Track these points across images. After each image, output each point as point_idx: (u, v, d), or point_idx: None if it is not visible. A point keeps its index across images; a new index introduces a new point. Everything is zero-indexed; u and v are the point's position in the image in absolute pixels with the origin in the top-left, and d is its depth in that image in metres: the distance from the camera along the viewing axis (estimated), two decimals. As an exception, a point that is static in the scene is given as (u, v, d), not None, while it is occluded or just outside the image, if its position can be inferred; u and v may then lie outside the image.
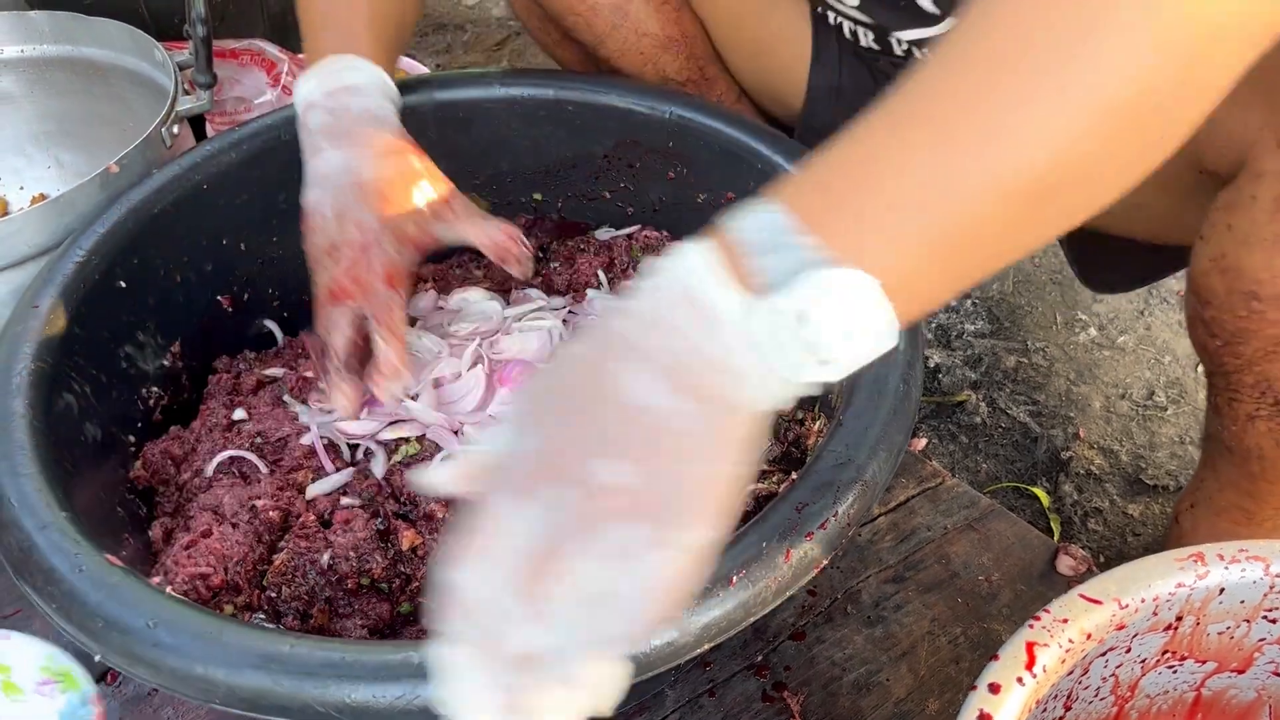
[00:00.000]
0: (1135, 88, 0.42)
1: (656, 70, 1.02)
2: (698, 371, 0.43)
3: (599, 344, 0.44)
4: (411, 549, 0.73)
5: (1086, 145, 0.43)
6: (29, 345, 0.72)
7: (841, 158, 0.45)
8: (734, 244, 0.44)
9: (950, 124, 0.43)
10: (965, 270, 0.46)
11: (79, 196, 0.88)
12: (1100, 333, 1.32)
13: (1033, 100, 0.42)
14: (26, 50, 1.14)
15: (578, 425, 0.42)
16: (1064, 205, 0.46)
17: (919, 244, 0.44)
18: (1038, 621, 0.59)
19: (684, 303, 0.43)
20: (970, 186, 0.43)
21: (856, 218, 0.43)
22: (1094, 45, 0.41)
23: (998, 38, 0.44)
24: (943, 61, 0.46)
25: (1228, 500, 0.86)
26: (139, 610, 0.56)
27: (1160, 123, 0.44)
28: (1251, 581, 0.62)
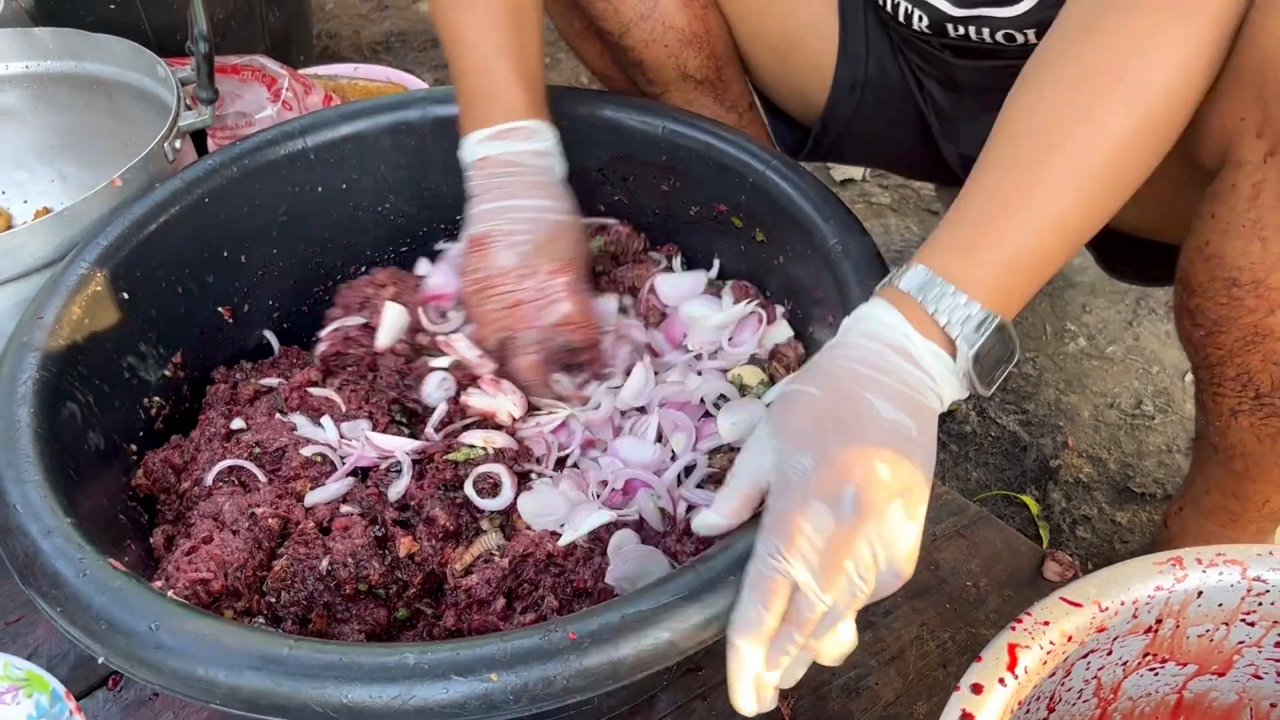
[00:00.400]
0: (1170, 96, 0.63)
1: (677, 65, 1.03)
2: (909, 395, 0.60)
3: (845, 380, 0.60)
4: (409, 555, 0.74)
5: (1134, 144, 0.63)
6: (34, 355, 0.74)
7: (961, 216, 0.64)
8: (906, 297, 0.62)
9: (1038, 169, 0.63)
10: (1051, 273, 0.65)
11: (83, 210, 0.89)
12: (1089, 343, 1.33)
13: (1075, 120, 0.62)
14: (31, 66, 1.15)
15: (855, 437, 0.57)
16: (1117, 196, 0.64)
17: (1030, 276, 0.63)
18: (1019, 624, 0.61)
19: (895, 350, 0.61)
20: (1062, 212, 0.62)
21: (987, 265, 0.62)
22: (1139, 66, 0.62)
23: (1056, 83, 0.64)
24: (1008, 123, 0.65)
25: (1214, 502, 0.87)
26: (142, 614, 0.58)
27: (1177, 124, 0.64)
28: (1229, 585, 0.63)
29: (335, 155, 0.95)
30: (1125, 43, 0.63)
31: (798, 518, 0.56)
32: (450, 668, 0.54)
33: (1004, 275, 0.62)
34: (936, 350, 0.61)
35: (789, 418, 0.60)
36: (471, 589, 0.71)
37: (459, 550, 0.75)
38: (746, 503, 0.60)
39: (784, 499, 0.57)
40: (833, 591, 0.56)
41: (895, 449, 0.58)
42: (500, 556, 0.73)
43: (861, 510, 0.55)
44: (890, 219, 1.57)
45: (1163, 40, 0.62)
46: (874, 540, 0.56)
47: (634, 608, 0.57)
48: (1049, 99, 0.64)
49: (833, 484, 0.56)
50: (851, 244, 0.79)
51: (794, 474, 0.57)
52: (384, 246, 1.01)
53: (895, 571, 0.58)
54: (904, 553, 0.57)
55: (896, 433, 0.58)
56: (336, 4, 2.21)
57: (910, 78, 1.02)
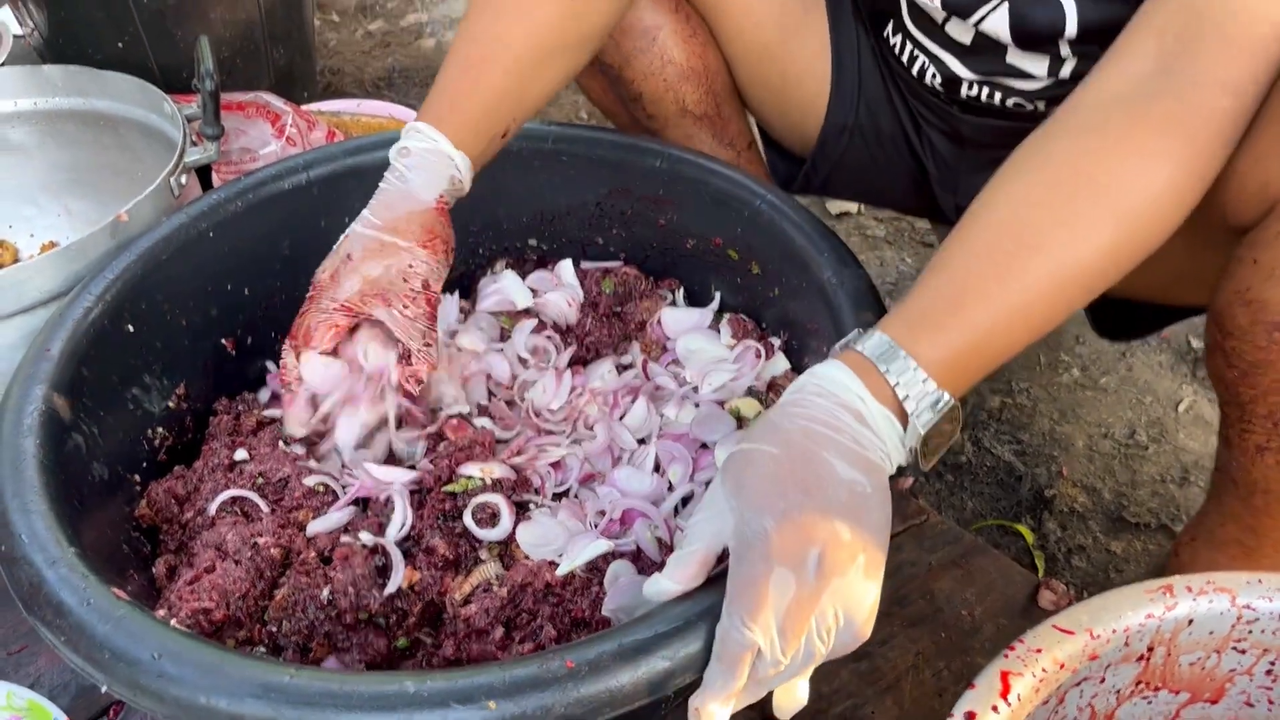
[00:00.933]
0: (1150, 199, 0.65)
1: (676, 99, 1.05)
2: (863, 455, 0.60)
3: (801, 438, 0.60)
4: (410, 585, 0.75)
5: (1112, 255, 0.65)
6: (40, 387, 0.74)
7: (927, 290, 0.65)
8: (865, 362, 0.63)
9: (1016, 263, 0.64)
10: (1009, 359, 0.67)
11: (89, 244, 0.91)
12: (1083, 373, 1.34)
13: (1064, 225, 0.64)
14: (39, 103, 1.17)
15: (817, 498, 0.57)
16: (1087, 298, 0.67)
17: (989, 362, 0.65)
18: (1012, 651, 0.61)
19: (848, 410, 0.61)
20: (1032, 308, 0.64)
21: (951, 349, 0.63)
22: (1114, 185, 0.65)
23: (1034, 186, 0.66)
24: (994, 207, 0.67)
25: (1229, 534, 0.87)
26: (145, 642, 0.58)
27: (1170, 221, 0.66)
28: (1219, 612, 0.64)
29: (338, 189, 0.97)
30: (1121, 153, 0.64)
31: (762, 586, 0.55)
32: (449, 696, 0.55)
33: (965, 360, 0.63)
34: (889, 416, 0.62)
35: (747, 478, 0.59)
36: (470, 618, 0.72)
37: (458, 580, 0.75)
38: (702, 567, 0.59)
39: (747, 565, 0.56)
40: (792, 652, 0.56)
41: (854, 509, 0.58)
42: (499, 586, 0.73)
43: (824, 573, 0.55)
44: (885, 251, 1.59)
45: (1158, 157, 0.64)
46: (836, 602, 0.56)
47: (631, 637, 0.57)
48: (1037, 195, 0.65)
49: (796, 548, 0.55)
50: (846, 277, 0.80)
51: (755, 537, 0.56)
52: (385, 279, 1.02)
53: (854, 633, 0.57)
54: (864, 614, 0.57)
55: (854, 492, 0.59)
56: (340, 41, 2.24)
57: (909, 125, 1.04)
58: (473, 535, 0.77)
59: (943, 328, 0.63)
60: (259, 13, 1.55)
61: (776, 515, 0.56)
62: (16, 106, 1.17)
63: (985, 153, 0.99)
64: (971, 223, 0.67)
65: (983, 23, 0.87)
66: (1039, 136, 0.69)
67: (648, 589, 0.60)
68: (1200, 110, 0.65)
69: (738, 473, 0.59)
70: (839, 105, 1.06)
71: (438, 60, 2.16)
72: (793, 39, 1.05)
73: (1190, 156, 0.65)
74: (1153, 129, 0.64)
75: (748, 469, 0.59)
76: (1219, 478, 0.87)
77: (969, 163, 1.01)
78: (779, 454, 0.59)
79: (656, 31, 1.02)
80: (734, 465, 0.60)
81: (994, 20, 0.86)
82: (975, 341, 0.63)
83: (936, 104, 0.99)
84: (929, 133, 1.03)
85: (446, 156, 0.81)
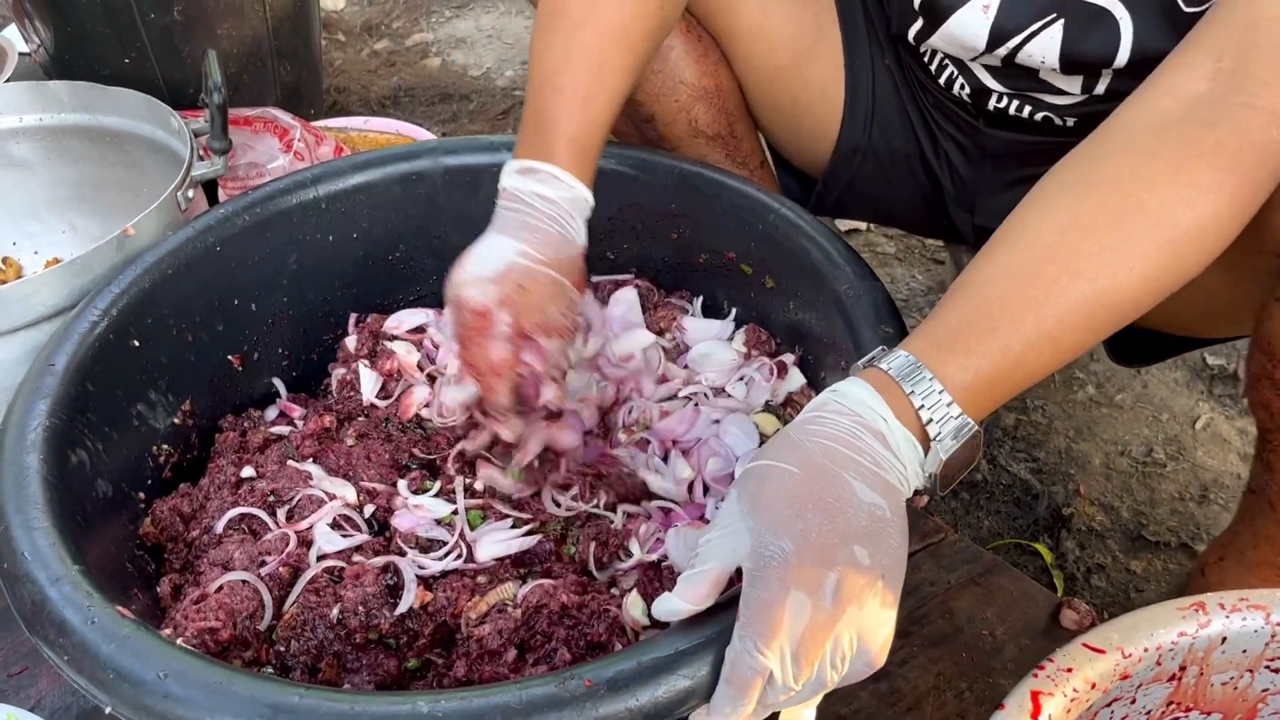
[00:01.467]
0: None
1: (689, 119, 1.04)
2: (884, 477, 0.59)
3: (821, 458, 0.58)
4: (422, 606, 0.73)
5: (1153, 282, 0.63)
6: (44, 402, 0.73)
7: (955, 309, 0.63)
8: (889, 382, 0.61)
9: (1055, 290, 0.62)
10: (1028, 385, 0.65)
11: (95, 259, 0.90)
12: (1098, 390, 1.33)
13: (1108, 250, 0.62)
14: (45, 119, 1.17)
15: (837, 520, 0.56)
16: (1117, 327, 0.65)
17: (1013, 389, 0.63)
18: (1042, 670, 0.59)
19: (870, 431, 0.60)
20: (1065, 336, 0.62)
21: (981, 373, 0.61)
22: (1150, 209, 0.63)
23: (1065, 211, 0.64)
24: (1036, 228, 0.65)
25: (1262, 556, 0.86)
26: (150, 662, 0.57)
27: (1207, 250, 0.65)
28: (1253, 630, 0.62)
29: (346, 204, 0.96)
30: (1173, 182, 0.63)
31: (778, 611, 0.53)
32: (464, 716, 0.53)
33: (991, 385, 0.62)
34: (912, 440, 0.60)
35: (765, 496, 0.57)
36: (484, 639, 0.70)
37: (474, 600, 0.73)
38: (714, 587, 0.57)
39: (763, 587, 0.54)
40: (805, 679, 0.54)
41: (874, 533, 0.56)
42: (514, 607, 0.72)
43: (842, 600, 0.54)
44: (896, 268, 1.58)
45: (1208, 190, 0.63)
46: (851, 630, 0.55)
47: (651, 655, 0.56)
48: (1087, 218, 0.63)
49: (814, 573, 0.54)
50: (864, 290, 0.79)
51: (774, 559, 0.54)
52: (394, 294, 1.01)
53: (868, 661, 0.56)
54: (879, 643, 0.56)
55: (874, 515, 0.57)
56: (346, 60, 2.24)
57: (927, 143, 1.03)
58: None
59: (972, 351, 0.61)
60: (266, 29, 1.55)
61: (795, 537, 0.55)
62: (22, 122, 1.17)
63: (1005, 171, 0.98)
64: (1010, 241, 0.65)
65: (1023, 53, 0.86)
66: (1085, 154, 0.67)
67: (658, 608, 0.58)
68: (1255, 143, 0.63)
69: (755, 490, 0.57)
70: (852, 127, 1.05)
71: (443, 79, 2.16)
72: (806, 62, 1.04)
73: (1238, 189, 0.64)
74: (1205, 160, 0.63)
75: (766, 487, 0.57)
76: (1253, 499, 0.85)
77: (987, 182, 1.00)
78: (799, 473, 0.57)
79: (668, 52, 1.01)
80: (751, 482, 0.58)
81: (1040, 47, 0.85)
82: (1004, 367, 0.62)
83: (960, 117, 0.98)
84: (947, 149, 1.02)
85: (585, 201, 0.81)
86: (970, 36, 0.88)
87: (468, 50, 2.28)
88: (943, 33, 0.90)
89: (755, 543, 0.55)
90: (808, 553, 0.54)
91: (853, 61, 1.03)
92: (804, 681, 0.54)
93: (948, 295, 0.65)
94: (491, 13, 2.41)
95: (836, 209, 1.13)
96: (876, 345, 0.71)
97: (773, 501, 0.56)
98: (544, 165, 0.79)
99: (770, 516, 0.56)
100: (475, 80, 2.17)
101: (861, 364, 0.65)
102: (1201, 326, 0.92)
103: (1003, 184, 0.98)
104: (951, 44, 0.90)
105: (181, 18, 1.45)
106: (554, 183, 0.79)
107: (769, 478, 0.58)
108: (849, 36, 1.03)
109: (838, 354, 0.81)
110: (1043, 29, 0.84)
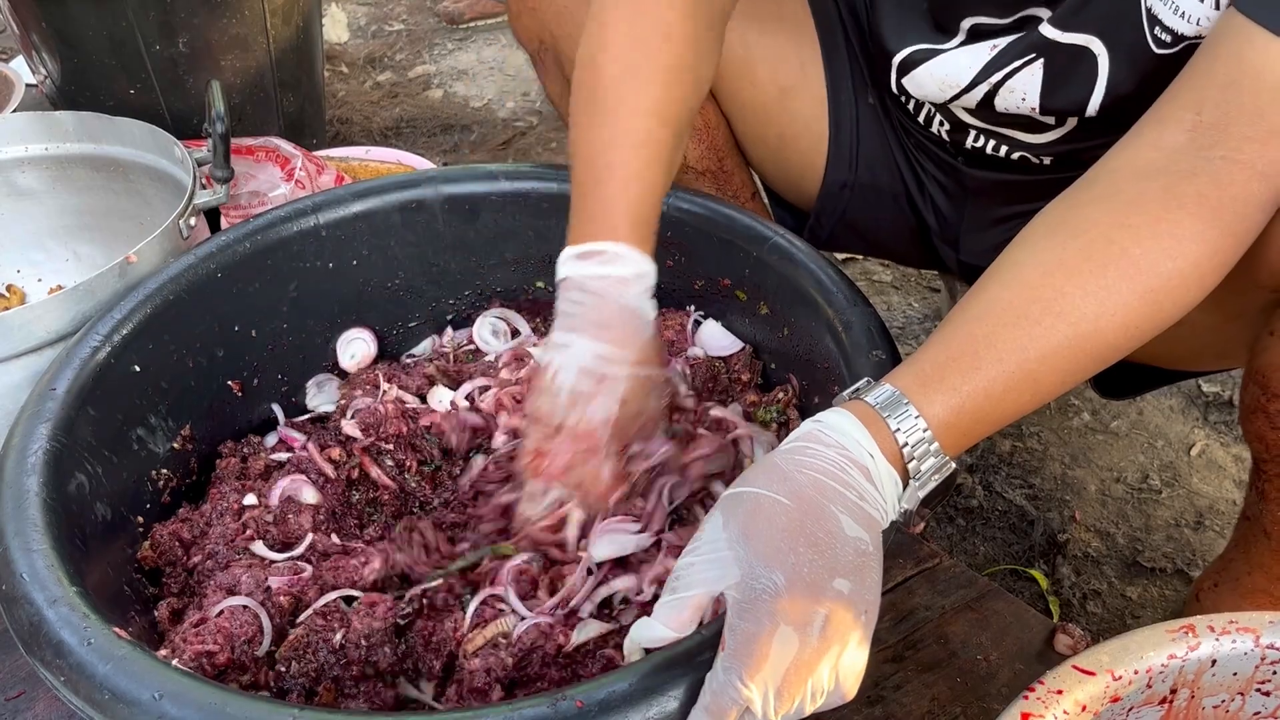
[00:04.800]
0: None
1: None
2: (867, 510, 0.60)
3: (811, 490, 0.59)
4: (425, 640, 0.73)
5: (1134, 328, 0.65)
6: (45, 426, 0.74)
7: (943, 344, 0.65)
8: (872, 413, 0.62)
9: (1039, 331, 0.64)
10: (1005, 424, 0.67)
11: (97, 284, 0.91)
12: (1093, 417, 1.34)
13: (1091, 295, 0.64)
14: (50, 148, 1.18)
15: (827, 556, 0.57)
16: (1096, 370, 0.66)
17: (992, 427, 0.65)
18: (1032, 693, 0.60)
19: (857, 466, 0.61)
20: (1046, 377, 0.64)
21: (962, 413, 0.63)
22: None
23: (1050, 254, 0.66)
24: (1022, 268, 0.66)
25: (1257, 583, 0.86)
26: (145, 683, 0.57)
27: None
28: (1243, 653, 0.62)
29: (346, 232, 0.97)
30: (1155, 232, 0.65)
31: (765, 644, 0.54)
32: (457, 737, 0.54)
33: (970, 422, 0.63)
34: (895, 477, 0.62)
35: (757, 527, 0.57)
36: (474, 673, 0.70)
37: (473, 632, 0.73)
38: (696, 613, 0.57)
39: (751, 620, 0.54)
40: (784, 713, 0.55)
41: (859, 569, 0.57)
42: (508, 646, 0.72)
43: (828, 637, 0.55)
44: (893, 296, 1.59)
45: (1189, 241, 0.64)
46: (833, 666, 0.56)
47: (642, 676, 0.56)
48: (1072, 262, 0.65)
49: (804, 608, 0.55)
50: (856, 316, 0.80)
51: (765, 592, 0.55)
52: (393, 322, 1.02)
53: (841, 695, 0.57)
54: (854, 678, 0.57)
55: (859, 550, 0.58)
56: (349, 91, 2.27)
57: (911, 181, 1.05)
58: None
59: (956, 390, 0.63)
60: (269, 61, 1.57)
61: (787, 571, 0.55)
62: (28, 152, 1.18)
63: (987, 209, 0.99)
64: (999, 280, 0.66)
65: (1004, 89, 0.88)
66: (1072, 199, 0.69)
67: (637, 633, 0.58)
68: (1235, 196, 0.65)
69: (746, 520, 0.58)
70: (837, 163, 1.06)
71: (445, 111, 2.18)
72: (790, 99, 1.05)
73: (1220, 241, 0.65)
74: (1187, 211, 0.65)
75: (757, 517, 0.58)
76: (1247, 527, 0.86)
77: (970, 219, 1.02)
78: (790, 505, 0.58)
79: None
80: (740, 510, 0.58)
81: (1017, 99, 0.87)
82: (986, 407, 0.63)
83: (940, 157, 1.00)
84: (930, 188, 1.04)
85: (652, 276, 0.78)
86: (950, 75, 0.90)
87: (469, 82, 2.31)
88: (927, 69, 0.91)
89: (745, 573, 0.55)
90: (798, 587, 0.55)
91: (836, 98, 1.04)
92: (782, 715, 0.54)
93: (939, 329, 0.66)
94: (493, 45, 2.45)
95: (831, 242, 1.15)
96: (869, 371, 0.72)
97: (765, 533, 0.57)
98: (605, 244, 0.75)
99: (761, 548, 0.56)
100: (476, 111, 2.20)
101: (847, 394, 0.66)
102: (1191, 361, 0.94)
103: (986, 221, 1.00)
104: (933, 81, 0.92)
105: (186, 49, 1.47)
106: (618, 261, 0.75)
107: (760, 508, 0.58)
108: (832, 74, 1.04)
109: (830, 380, 0.81)
110: (1024, 67, 0.86)
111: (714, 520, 0.59)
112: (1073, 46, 0.82)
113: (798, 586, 0.55)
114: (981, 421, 0.64)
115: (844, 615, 0.55)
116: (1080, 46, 0.82)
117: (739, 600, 0.55)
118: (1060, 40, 0.82)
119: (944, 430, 0.62)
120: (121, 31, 1.43)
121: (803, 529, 0.57)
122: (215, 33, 1.49)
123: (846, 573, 0.56)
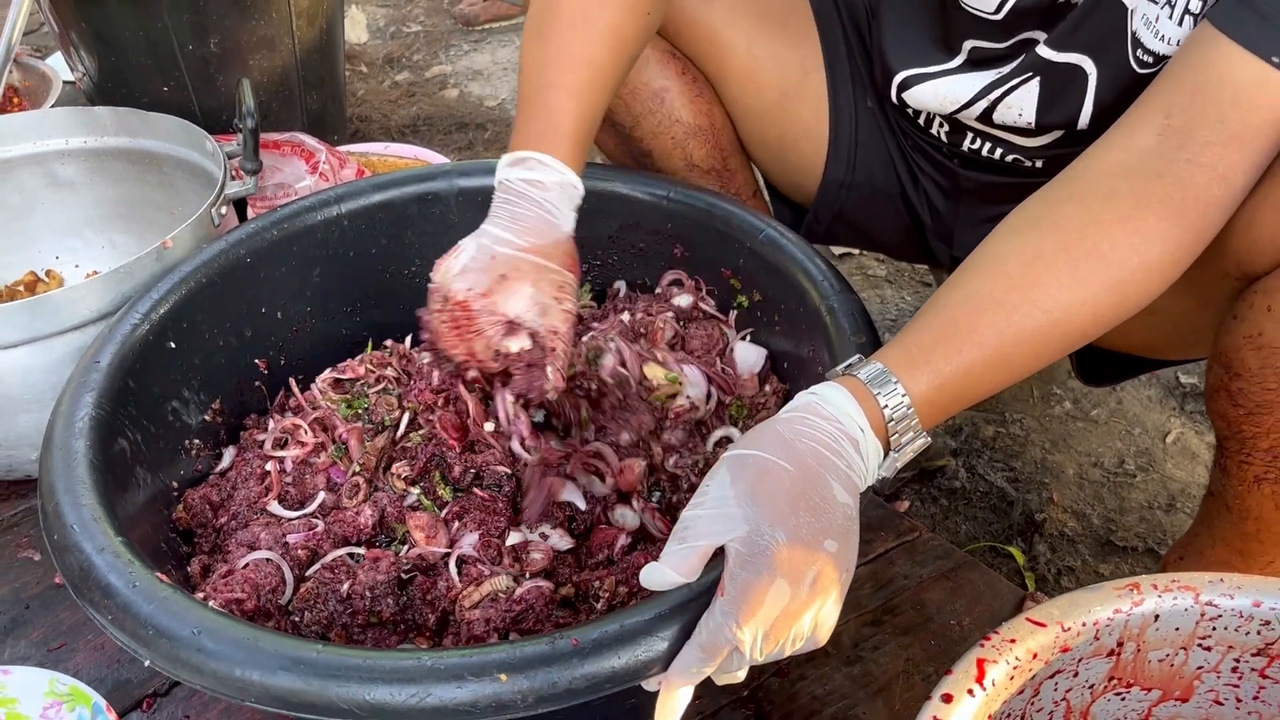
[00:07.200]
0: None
1: (684, 155, 1.11)
2: (853, 478, 0.67)
3: (811, 460, 0.65)
4: (423, 595, 0.78)
5: (1102, 317, 0.71)
6: (90, 394, 0.80)
7: (927, 327, 0.71)
8: (862, 388, 0.69)
9: (1016, 319, 0.70)
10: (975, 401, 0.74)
11: (136, 268, 0.97)
12: (1074, 406, 1.39)
13: (1065, 286, 0.70)
14: (89, 142, 1.24)
15: (822, 519, 0.63)
16: (1061, 354, 0.73)
17: (967, 404, 0.72)
18: (988, 641, 0.65)
19: (849, 439, 0.67)
20: (1020, 359, 0.71)
21: (942, 390, 0.70)
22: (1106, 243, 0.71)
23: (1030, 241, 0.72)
24: (1002, 258, 0.72)
25: (1219, 556, 0.90)
26: (185, 620, 0.63)
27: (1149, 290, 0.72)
28: (1183, 609, 0.67)
29: (367, 221, 1.03)
30: (1124, 230, 0.71)
31: (761, 594, 0.60)
32: (464, 669, 0.59)
33: (950, 401, 0.70)
34: (879, 448, 0.68)
35: (765, 489, 0.63)
36: (472, 623, 0.75)
37: (469, 589, 0.79)
38: (702, 560, 0.62)
39: (752, 571, 0.60)
40: (767, 654, 0.62)
41: (845, 532, 0.64)
42: (505, 600, 0.76)
43: (815, 590, 0.61)
44: (886, 290, 1.64)
45: (1154, 239, 0.71)
46: (815, 616, 0.62)
47: (633, 619, 0.61)
48: (1049, 254, 0.71)
49: (800, 565, 0.61)
50: (840, 303, 0.85)
51: (767, 547, 0.61)
52: (410, 307, 1.07)
53: (816, 639, 0.64)
54: (830, 625, 0.64)
55: (846, 515, 0.65)
56: (368, 90, 2.33)
57: (908, 181, 1.10)
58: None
59: (939, 370, 0.69)
60: (294, 61, 1.64)
61: (788, 531, 0.61)
62: (68, 145, 1.24)
63: (979, 208, 1.05)
64: (979, 268, 0.73)
65: (1002, 105, 0.93)
66: (1049, 195, 0.75)
67: (647, 576, 0.63)
68: (1197, 198, 0.71)
69: (753, 480, 0.64)
70: (836, 164, 1.11)
71: (461, 109, 2.24)
72: (792, 102, 1.10)
73: (1180, 238, 0.71)
74: (1154, 210, 0.70)
75: (765, 480, 0.64)
76: (1212, 502, 0.90)
77: (963, 218, 1.07)
78: (794, 472, 0.64)
79: (664, 94, 1.07)
80: (747, 471, 0.64)
81: (1014, 115, 0.93)
82: (964, 385, 0.70)
83: (937, 158, 1.05)
84: (926, 187, 1.08)
85: (573, 187, 0.84)
86: (951, 93, 0.95)
87: (484, 82, 2.36)
88: (929, 87, 0.97)
89: (751, 529, 0.61)
90: (797, 546, 0.61)
91: (836, 101, 1.09)
92: (765, 656, 0.61)
93: (922, 311, 0.72)
94: (507, 46, 2.50)
95: (828, 237, 1.20)
96: (852, 354, 0.77)
97: (772, 495, 0.63)
98: (534, 154, 0.82)
99: (768, 509, 0.62)
100: (491, 110, 2.25)
101: (840, 369, 0.72)
102: (1168, 349, 0.98)
103: (978, 220, 1.05)
104: (935, 98, 0.97)
105: (217, 50, 1.54)
106: (543, 169, 0.82)
107: (768, 471, 0.64)
108: (833, 78, 1.09)
109: (816, 363, 0.87)
110: (1021, 85, 0.91)
111: (720, 477, 0.65)
112: (1066, 65, 0.88)
113: (796, 545, 0.61)
114: (958, 399, 0.71)
115: (830, 573, 0.62)
116: (1073, 65, 0.88)
117: (742, 553, 0.61)
118: (1055, 60, 0.88)
119: (924, 406, 0.69)
120: (157, 32, 1.50)
121: (804, 494, 0.63)
122: (244, 33, 1.55)
123: (835, 535, 0.63)
